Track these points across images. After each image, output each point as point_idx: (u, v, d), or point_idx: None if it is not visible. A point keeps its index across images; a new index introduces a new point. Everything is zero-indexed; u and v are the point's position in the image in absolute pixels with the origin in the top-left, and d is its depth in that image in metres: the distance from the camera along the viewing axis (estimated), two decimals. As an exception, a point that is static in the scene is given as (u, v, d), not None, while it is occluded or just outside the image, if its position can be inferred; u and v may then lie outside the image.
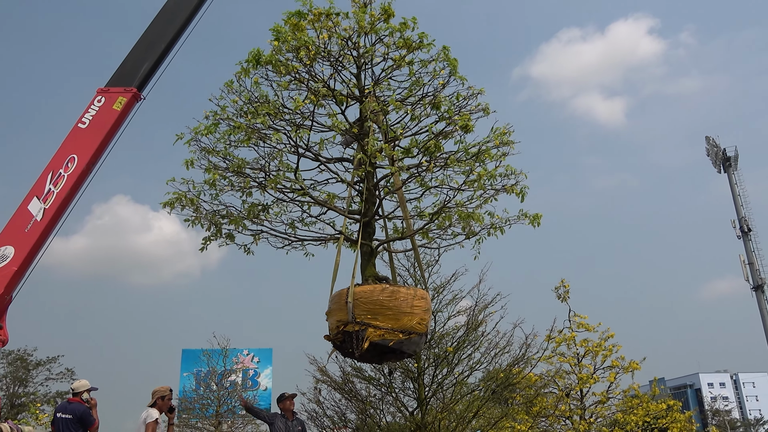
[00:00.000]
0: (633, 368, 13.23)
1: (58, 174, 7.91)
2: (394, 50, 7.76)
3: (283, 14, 7.58)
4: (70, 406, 7.78)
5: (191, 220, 7.48)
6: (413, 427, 11.83)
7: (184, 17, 9.21)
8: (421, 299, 7.28)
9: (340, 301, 7.17)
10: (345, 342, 7.11)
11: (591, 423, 13.20)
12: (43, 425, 12.63)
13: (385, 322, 6.95)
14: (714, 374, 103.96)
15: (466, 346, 12.21)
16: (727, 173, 37.89)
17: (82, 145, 8.10)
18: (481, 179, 7.59)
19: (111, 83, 8.67)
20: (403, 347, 7.14)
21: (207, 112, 7.59)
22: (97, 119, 8.31)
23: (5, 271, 7.33)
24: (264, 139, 7.59)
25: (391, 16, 7.68)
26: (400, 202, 8.23)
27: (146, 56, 8.88)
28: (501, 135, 7.68)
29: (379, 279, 7.73)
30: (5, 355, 29.45)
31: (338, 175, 8.25)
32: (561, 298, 14.00)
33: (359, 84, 8.10)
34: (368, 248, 7.88)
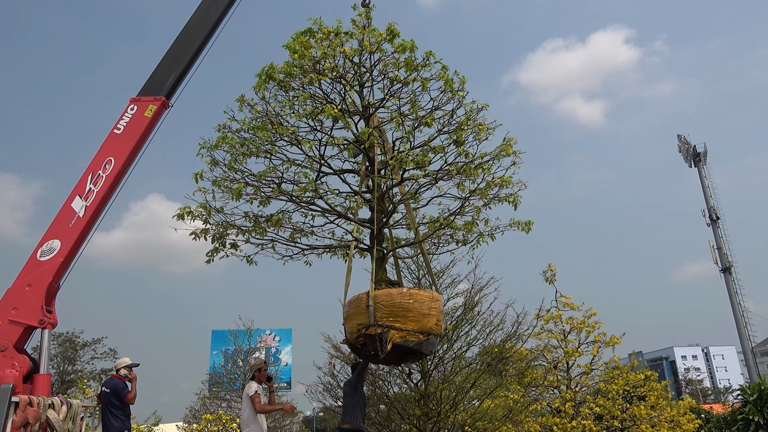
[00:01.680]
0: (614, 343, 13.17)
1: (97, 175, 7.93)
2: (396, 70, 7.40)
3: (292, 35, 7.31)
4: (110, 381, 7.84)
5: (197, 234, 7.22)
6: (418, 396, 11.83)
7: (206, 31, 9.19)
8: (437, 301, 6.98)
9: (360, 305, 6.77)
10: (367, 345, 6.70)
11: (576, 392, 13.16)
12: (89, 399, 12.68)
13: (406, 324, 6.59)
14: (687, 348, 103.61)
15: (464, 324, 12.19)
16: (697, 167, 37.57)
17: (118, 149, 8.12)
18: (489, 187, 7.30)
19: (142, 93, 8.67)
20: (422, 348, 6.77)
21: (219, 126, 7.36)
22: (131, 125, 8.32)
23: (53, 262, 7.36)
24: (273, 152, 7.27)
25: (396, 35, 7.35)
26: (407, 212, 7.91)
27: (173, 68, 8.87)
28: (507, 146, 7.33)
29: (391, 283, 7.41)
30: (55, 337, 29.63)
31: (349, 186, 7.93)
32: (548, 280, 13.93)
33: (362, 101, 7.78)
34: (380, 254, 7.53)
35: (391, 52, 7.39)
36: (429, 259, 8.05)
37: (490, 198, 7.53)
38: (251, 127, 7.26)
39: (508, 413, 12.56)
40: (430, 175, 7.39)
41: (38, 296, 7.18)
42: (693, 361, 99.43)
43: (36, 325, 7.09)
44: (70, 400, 7.09)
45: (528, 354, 13.06)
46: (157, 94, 8.58)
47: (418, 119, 7.52)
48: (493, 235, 7.93)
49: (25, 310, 7.09)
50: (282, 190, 7.19)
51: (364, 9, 7.95)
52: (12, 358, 6.78)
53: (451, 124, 7.58)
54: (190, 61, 9.02)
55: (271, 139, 7.27)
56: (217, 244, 7.35)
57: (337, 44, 7.22)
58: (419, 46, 7.29)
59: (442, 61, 7.42)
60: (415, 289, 6.99)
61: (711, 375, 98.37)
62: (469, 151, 7.41)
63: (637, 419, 12.81)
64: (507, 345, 12.41)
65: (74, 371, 31.30)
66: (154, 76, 8.81)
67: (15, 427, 6.11)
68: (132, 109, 8.45)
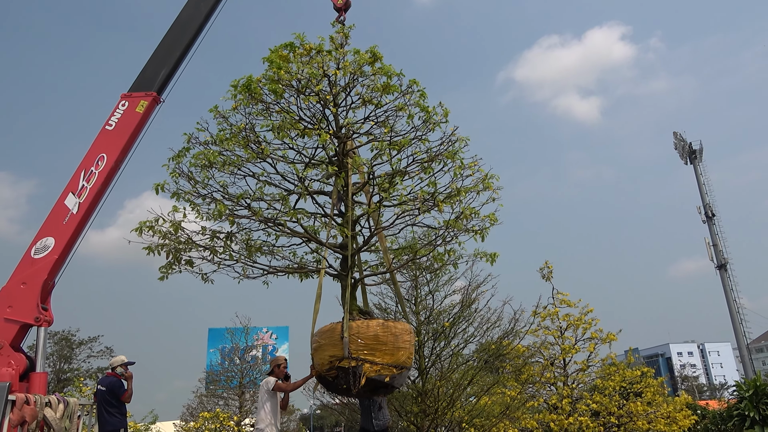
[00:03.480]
0: (610, 339, 13.22)
1: (90, 171, 7.91)
2: (374, 93, 7.30)
3: (271, 48, 7.19)
4: (106, 379, 7.82)
5: (153, 249, 6.86)
6: (415, 393, 11.83)
7: (196, 26, 9.21)
8: (410, 334, 6.80)
9: (333, 336, 6.51)
10: (339, 378, 6.45)
11: (573, 388, 13.21)
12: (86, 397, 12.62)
13: (381, 358, 6.39)
14: (683, 344, 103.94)
15: (461, 321, 12.20)
16: (693, 164, 37.68)
17: (110, 145, 8.10)
18: (461, 219, 7.19)
19: (133, 88, 8.65)
20: (395, 382, 6.59)
21: (188, 135, 7.11)
22: (122, 121, 8.30)
23: (47, 259, 7.33)
24: (240, 166, 7.03)
25: (379, 59, 7.23)
26: (380, 242, 7.74)
27: (164, 63, 8.87)
28: (489, 184, 7.27)
29: (363, 312, 7.21)
30: (51, 336, 29.50)
31: (321, 207, 7.70)
32: (545, 277, 13.97)
33: (337, 122, 7.59)
34: (351, 281, 7.25)
35: (371, 74, 7.26)
36: (399, 288, 7.87)
37: (459, 231, 7.38)
38: (220, 139, 7.02)
39: (505, 410, 12.58)
40: (402, 202, 7.25)
41: (33, 294, 7.14)
42: (689, 358, 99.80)
43: (32, 322, 7.07)
44: (67, 398, 7.07)
45: (525, 351, 13.10)
46: (148, 90, 8.56)
47: (392, 144, 7.35)
48: (456, 264, 8.03)
49: (21, 308, 7.06)
50: (254, 210, 6.91)
51: (341, 26, 7.95)
52: (8, 357, 6.76)
53: (425, 152, 7.44)
54: (180, 56, 9.01)
55: (241, 158, 7.02)
56: (171, 259, 6.99)
57: (318, 62, 7.08)
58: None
59: (425, 90, 7.33)
60: (391, 322, 6.76)
61: (707, 371, 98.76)
62: (436, 180, 7.29)
63: (633, 415, 12.86)
64: (504, 342, 12.42)
65: (70, 369, 31.19)
66: (144, 71, 8.80)
67: (12, 426, 6.09)
68: (123, 105, 8.42)
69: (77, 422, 7.12)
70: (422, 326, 12.18)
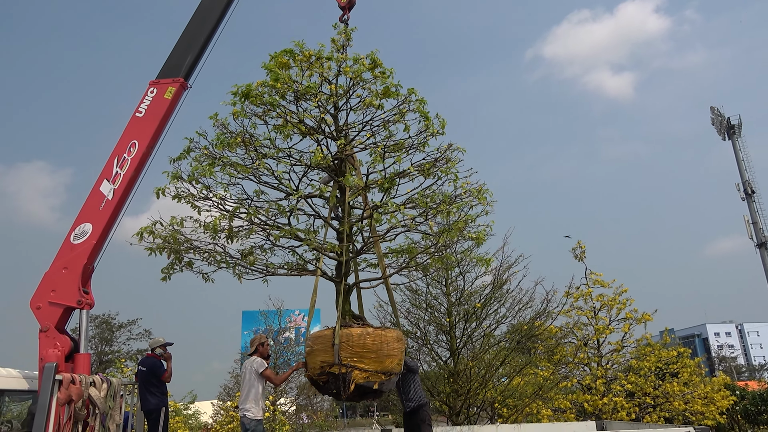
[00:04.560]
0: (645, 320, 13.01)
1: (123, 158, 8.07)
2: (373, 97, 7.31)
3: (270, 54, 7.31)
4: (146, 360, 8.05)
5: (153, 249, 6.99)
6: (447, 374, 11.89)
7: (219, 11, 9.28)
8: (399, 341, 6.96)
9: (325, 342, 6.75)
10: (329, 383, 6.71)
11: (607, 369, 13.07)
12: (127, 377, 13.07)
13: (370, 365, 6.60)
14: (720, 324, 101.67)
15: (493, 302, 12.17)
16: (732, 140, 36.42)
17: (141, 132, 8.23)
18: (456, 229, 7.30)
19: (161, 75, 8.75)
20: (383, 387, 6.79)
21: (189, 140, 7.21)
22: (152, 108, 8.42)
23: (86, 244, 7.54)
24: (239, 171, 7.09)
25: (379, 65, 7.28)
26: (376, 249, 7.75)
27: (189, 49, 8.95)
28: (478, 193, 7.38)
29: (356, 317, 7.36)
30: (93, 319, 30.52)
31: (315, 213, 7.75)
32: (578, 257, 13.79)
33: (337, 126, 7.67)
34: (345, 287, 7.40)
35: (371, 80, 7.31)
36: (393, 295, 7.98)
37: (452, 240, 7.55)
38: (221, 143, 7.13)
39: (538, 390, 12.55)
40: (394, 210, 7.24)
41: (74, 278, 7.36)
42: (726, 338, 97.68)
43: (74, 305, 7.29)
44: (110, 378, 7.30)
45: (558, 331, 12.99)
46: (175, 76, 8.66)
47: (393, 147, 7.44)
48: (452, 267, 7.80)
49: (64, 292, 7.29)
50: (253, 213, 7.00)
51: (344, 27, 7.99)
52: (54, 339, 7.00)
53: (423, 158, 7.54)
54: (205, 41, 9.09)
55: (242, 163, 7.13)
56: (173, 260, 7.14)
57: (317, 68, 7.15)
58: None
59: (424, 98, 7.41)
60: (381, 329, 6.94)
61: (745, 352, 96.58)
62: (433, 192, 7.37)
63: (669, 396, 12.68)
64: (536, 323, 12.36)
65: (111, 351, 32.25)
66: (171, 58, 8.90)
67: (59, 404, 6.33)
68: (152, 92, 8.55)
69: (120, 401, 7.36)
70: (453, 307, 12.19)
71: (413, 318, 12.49)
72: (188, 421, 23.53)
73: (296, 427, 16.99)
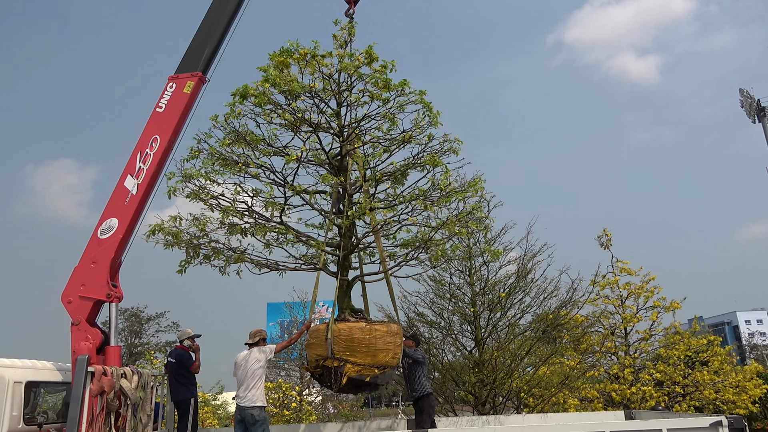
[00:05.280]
0: (674, 308, 12.79)
1: (145, 153, 8.17)
2: (374, 89, 7.54)
3: (269, 54, 7.49)
4: (175, 351, 8.19)
5: (171, 245, 7.40)
6: (471, 364, 11.86)
7: (234, 3, 9.27)
8: (395, 335, 7.08)
9: (319, 336, 6.96)
10: (324, 375, 6.99)
11: (635, 358, 12.89)
12: (157, 369, 13.32)
13: (362, 359, 6.79)
14: (751, 312, 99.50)
15: (517, 291, 12.08)
16: (762, 122, 35.40)
17: (162, 127, 8.33)
18: (452, 223, 7.39)
19: (179, 70, 8.82)
20: (378, 380, 6.99)
21: (197, 139, 7.63)
22: (172, 103, 8.51)
23: (113, 239, 7.67)
24: (244, 169, 7.42)
25: (375, 60, 7.46)
26: (376, 242, 7.91)
27: (206, 43, 9.00)
28: (474, 185, 7.56)
29: (355, 311, 7.50)
30: (122, 312, 31.12)
31: (317, 208, 8.05)
32: (603, 245, 13.59)
33: (339, 122, 7.84)
34: (345, 281, 7.59)
35: (369, 75, 7.49)
36: (392, 289, 8.01)
37: (461, 228, 7.64)
38: (225, 143, 7.45)
39: (565, 380, 12.45)
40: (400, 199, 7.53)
41: (103, 272, 7.51)
42: (758, 326, 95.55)
43: (104, 299, 7.44)
44: (140, 369, 7.44)
45: (584, 320, 12.84)
46: (193, 70, 8.72)
47: (396, 140, 7.66)
48: (464, 257, 8.89)
49: (93, 286, 7.44)
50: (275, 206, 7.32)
51: (347, 23, 8.14)
52: (85, 332, 7.15)
53: (427, 149, 7.75)
54: (221, 34, 9.13)
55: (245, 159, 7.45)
56: (192, 254, 7.48)
57: (314, 66, 7.32)
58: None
59: (416, 90, 7.64)
60: (374, 324, 7.03)
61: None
62: (436, 178, 7.56)
63: (700, 385, 12.46)
64: (562, 312, 12.23)
65: (141, 344, 32.90)
66: (188, 52, 8.97)
67: (92, 396, 6.48)
68: (171, 87, 8.63)
69: (150, 392, 7.51)
70: (477, 297, 12.14)
71: (437, 308, 12.47)
72: (216, 412, 23.90)
73: (323, 417, 17.14)
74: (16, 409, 6.62)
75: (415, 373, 8.28)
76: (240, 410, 6.94)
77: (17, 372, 6.80)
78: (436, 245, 7.50)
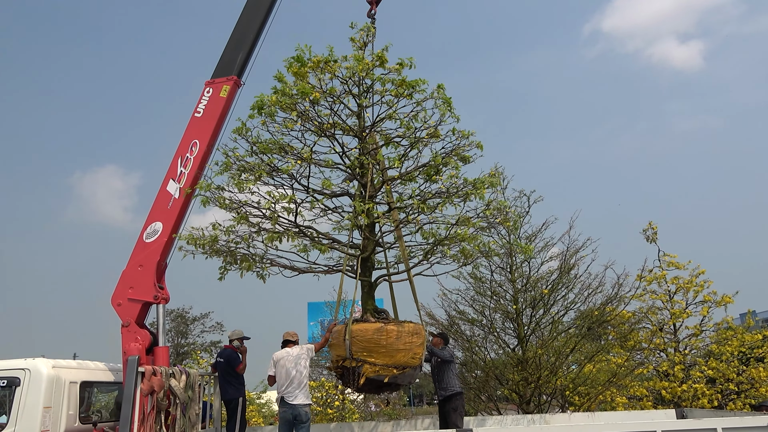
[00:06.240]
0: (725, 302, 12.32)
1: (186, 158, 8.36)
2: (391, 88, 7.60)
3: (284, 60, 7.58)
4: (224, 351, 8.36)
5: (208, 253, 7.56)
6: (514, 362, 11.72)
7: (266, 7, 9.40)
8: (415, 335, 7.04)
9: (339, 337, 7.03)
10: (344, 375, 7.06)
11: (686, 354, 12.49)
12: (203, 368, 13.63)
13: (380, 359, 6.80)
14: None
15: (560, 287, 11.87)
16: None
17: (201, 131, 8.51)
18: (468, 220, 7.37)
19: (215, 75, 8.99)
20: (398, 380, 6.97)
21: (224, 151, 7.73)
22: (209, 107, 8.68)
23: (158, 242, 7.88)
24: (272, 175, 7.54)
25: (385, 62, 7.51)
26: (398, 240, 7.88)
27: (240, 46, 9.15)
28: (491, 178, 7.55)
29: (378, 312, 7.50)
30: (168, 313, 31.88)
31: (339, 211, 8.14)
32: (649, 239, 13.21)
33: (360, 123, 7.89)
34: (367, 282, 7.61)
35: (385, 73, 7.56)
36: (415, 289, 7.95)
37: (488, 224, 7.68)
38: (250, 153, 7.63)
39: (612, 377, 12.17)
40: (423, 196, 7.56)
41: (150, 275, 7.72)
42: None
43: (152, 300, 7.65)
44: (188, 369, 7.62)
45: (631, 316, 12.51)
46: (228, 75, 8.88)
47: (417, 138, 7.76)
48: (495, 252, 8.53)
49: (141, 289, 7.66)
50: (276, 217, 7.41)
51: (367, 24, 8.18)
52: (135, 333, 7.37)
53: (449, 144, 7.82)
54: (254, 38, 9.26)
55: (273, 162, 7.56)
56: (230, 260, 7.64)
57: (328, 69, 7.40)
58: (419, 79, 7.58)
59: (433, 85, 7.69)
60: (391, 325, 7.00)
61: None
62: (463, 175, 7.58)
63: (755, 382, 11.98)
64: (608, 308, 11.96)
65: (187, 344, 33.66)
66: (223, 57, 9.13)
67: (143, 395, 6.67)
68: (208, 92, 8.81)
69: (198, 391, 7.68)
70: (519, 294, 11.98)
71: (478, 306, 12.37)
72: (261, 410, 24.30)
73: (365, 415, 17.23)
74: (72, 408, 6.86)
75: (443, 372, 8.26)
76: (289, 408, 6.94)
77: (72, 372, 7.03)
78: (462, 240, 7.42)
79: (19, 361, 6.76)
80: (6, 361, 6.85)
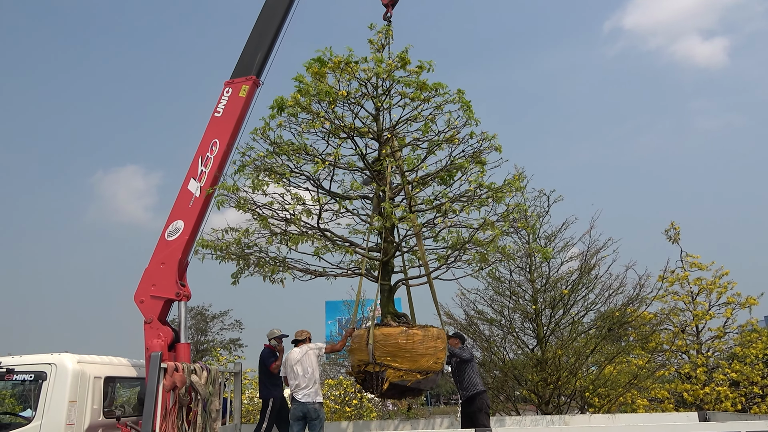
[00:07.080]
0: (750, 304, 12.10)
1: (206, 157, 8.46)
2: (411, 92, 7.56)
3: (304, 64, 7.58)
4: (262, 351, 8.41)
5: (222, 257, 7.61)
6: (533, 362, 11.65)
7: (284, 7, 9.48)
8: (437, 339, 6.98)
9: (361, 342, 6.95)
10: (366, 380, 6.97)
11: (708, 357, 12.30)
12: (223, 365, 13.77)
13: (403, 364, 6.72)
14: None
15: (581, 288, 11.76)
16: None
17: (221, 130, 8.61)
18: (492, 224, 7.32)
19: (234, 75, 9.09)
20: (421, 386, 6.92)
21: (241, 152, 7.76)
22: (229, 107, 8.78)
23: (180, 240, 7.99)
24: (289, 176, 7.55)
25: (407, 63, 7.49)
26: (418, 244, 7.81)
27: (259, 47, 9.23)
28: (515, 182, 7.55)
29: (397, 316, 7.44)
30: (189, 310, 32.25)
31: (357, 213, 8.16)
32: (672, 239, 13.03)
33: (378, 125, 7.86)
34: (387, 286, 7.56)
35: (405, 76, 7.53)
36: (435, 292, 7.87)
37: (506, 227, 7.59)
38: (270, 153, 7.64)
39: (633, 379, 12.04)
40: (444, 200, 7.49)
41: (172, 272, 7.84)
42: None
43: (174, 298, 7.77)
44: (209, 366, 7.71)
45: (652, 318, 12.36)
46: (247, 75, 8.97)
47: (437, 142, 7.73)
48: (512, 256, 8.35)
49: (163, 286, 7.78)
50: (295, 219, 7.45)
51: (384, 27, 8.18)
52: (157, 330, 7.50)
53: (468, 148, 7.82)
54: (273, 37, 9.33)
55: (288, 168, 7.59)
56: (242, 265, 7.70)
57: (348, 71, 7.39)
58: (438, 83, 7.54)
59: (450, 89, 7.66)
60: (415, 329, 6.94)
61: None
62: (481, 180, 7.57)
63: (780, 385, 11.77)
64: (629, 309, 11.83)
65: (206, 341, 34.03)
66: (242, 57, 9.22)
67: (165, 391, 6.78)
68: (228, 92, 8.90)
69: (218, 387, 7.78)
70: (538, 294, 11.91)
71: (497, 306, 12.31)
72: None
73: (382, 414, 17.25)
74: (96, 402, 7.00)
75: (465, 372, 8.18)
76: (302, 406, 7.03)
77: (96, 368, 7.18)
78: (480, 245, 7.39)
79: (46, 356, 6.92)
80: (33, 356, 7.01)
